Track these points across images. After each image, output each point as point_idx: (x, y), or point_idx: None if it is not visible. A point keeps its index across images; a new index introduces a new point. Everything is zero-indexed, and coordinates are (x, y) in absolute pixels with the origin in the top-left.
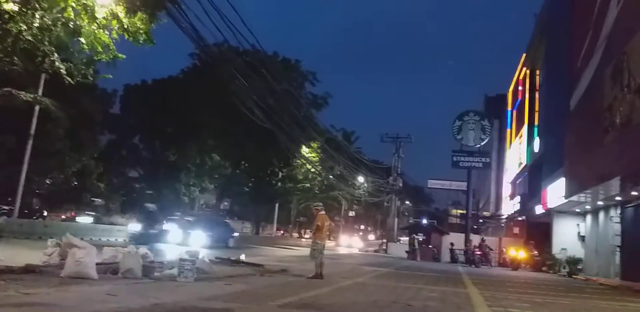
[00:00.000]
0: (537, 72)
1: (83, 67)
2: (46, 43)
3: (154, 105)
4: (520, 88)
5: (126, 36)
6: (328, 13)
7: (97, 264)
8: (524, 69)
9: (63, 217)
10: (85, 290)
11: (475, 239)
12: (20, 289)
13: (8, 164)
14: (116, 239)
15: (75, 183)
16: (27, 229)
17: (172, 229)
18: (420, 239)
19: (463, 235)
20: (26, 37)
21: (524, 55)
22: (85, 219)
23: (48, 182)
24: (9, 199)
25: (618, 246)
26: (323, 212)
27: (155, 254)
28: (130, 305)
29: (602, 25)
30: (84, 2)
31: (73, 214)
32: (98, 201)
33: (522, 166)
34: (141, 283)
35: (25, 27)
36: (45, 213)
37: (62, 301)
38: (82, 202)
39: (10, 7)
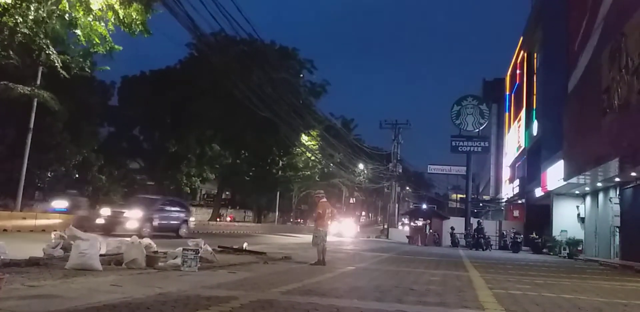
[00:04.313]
0: (535, 55)
1: (80, 59)
2: (42, 36)
3: (153, 96)
4: (518, 72)
5: (122, 27)
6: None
7: (101, 255)
8: (522, 52)
9: None
10: (90, 281)
11: (475, 223)
12: (26, 281)
13: (9, 157)
14: None
15: (77, 175)
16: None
17: None
18: (421, 224)
19: (463, 219)
20: (22, 30)
21: (522, 38)
22: None
23: (49, 175)
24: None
25: (617, 227)
26: (325, 199)
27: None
28: (135, 295)
29: (599, 6)
30: None
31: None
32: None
33: (521, 149)
34: (145, 273)
35: (20, 19)
36: None
37: (68, 292)
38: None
39: None
